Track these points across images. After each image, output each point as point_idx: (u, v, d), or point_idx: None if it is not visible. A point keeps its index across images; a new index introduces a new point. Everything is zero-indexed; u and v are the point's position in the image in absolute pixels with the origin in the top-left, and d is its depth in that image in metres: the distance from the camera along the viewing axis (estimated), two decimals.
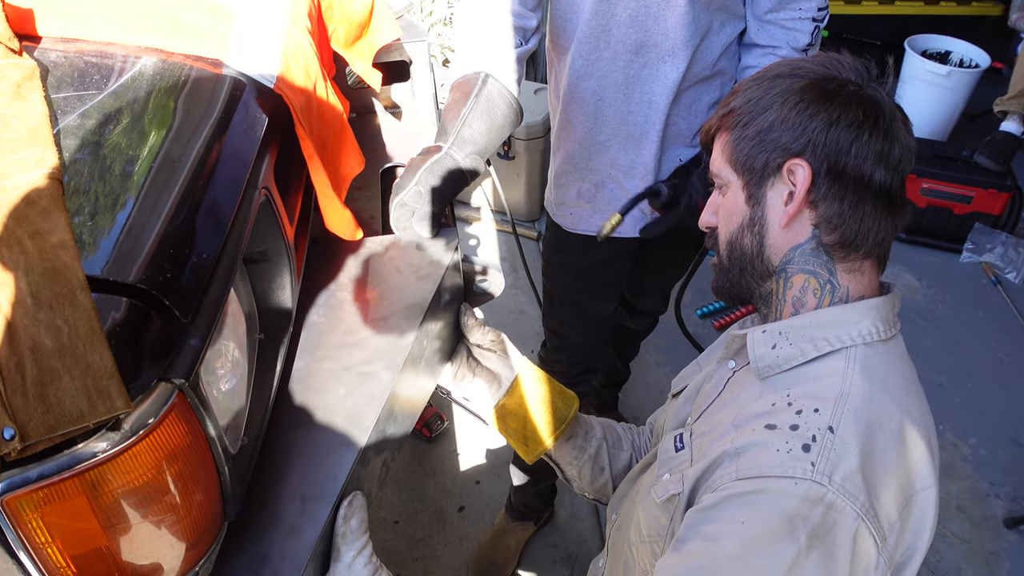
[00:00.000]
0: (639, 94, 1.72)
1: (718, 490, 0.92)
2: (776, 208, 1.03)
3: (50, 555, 0.73)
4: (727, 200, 1.08)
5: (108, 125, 0.94)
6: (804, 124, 0.99)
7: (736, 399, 1.06)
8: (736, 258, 1.08)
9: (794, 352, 1.00)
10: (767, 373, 1.02)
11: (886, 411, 0.93)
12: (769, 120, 1.01)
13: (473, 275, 1.35)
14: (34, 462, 0.69)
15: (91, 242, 0.79)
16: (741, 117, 1.04)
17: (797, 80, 1.01)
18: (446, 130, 1.39)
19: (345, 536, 0.95)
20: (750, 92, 1.04)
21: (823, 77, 1.00)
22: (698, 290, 3.55)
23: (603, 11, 1.62)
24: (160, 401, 0.75)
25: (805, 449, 0.89)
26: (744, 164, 1.04)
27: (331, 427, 1.03)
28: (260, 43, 1.15)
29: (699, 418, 1.12)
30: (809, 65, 1.02)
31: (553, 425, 1.30)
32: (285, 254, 1.10)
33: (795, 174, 1.00)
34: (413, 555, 2.62)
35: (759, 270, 1.06)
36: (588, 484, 1.39)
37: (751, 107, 1.03)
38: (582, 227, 1.97)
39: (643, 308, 2.49)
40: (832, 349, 0.99)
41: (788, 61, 1.06)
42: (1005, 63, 4.72)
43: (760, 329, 1.04)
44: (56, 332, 0.69)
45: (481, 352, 1.31)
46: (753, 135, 1.02)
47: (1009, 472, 2.84)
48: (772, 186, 1.03)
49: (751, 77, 1.07)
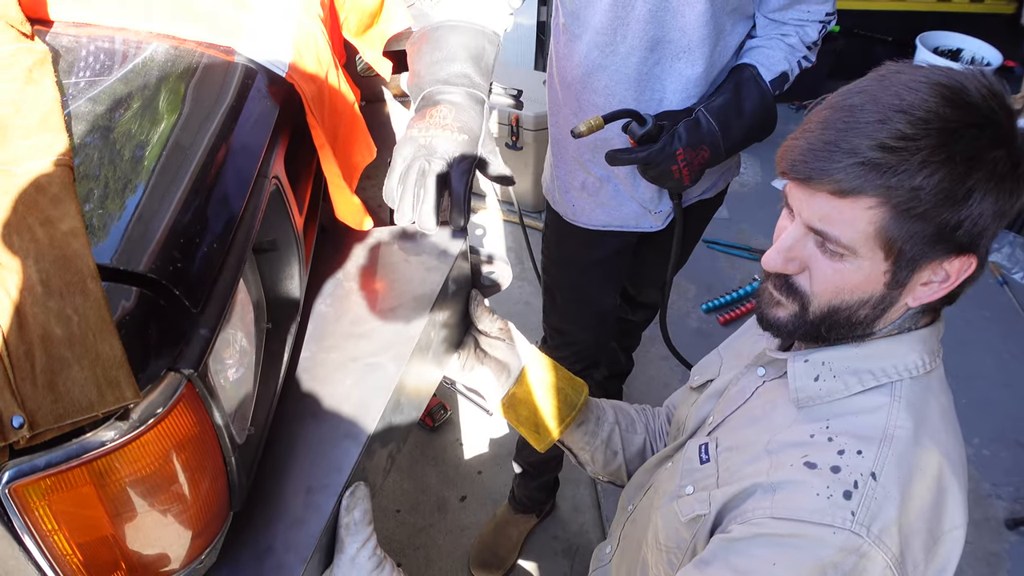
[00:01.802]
0: (650, 91, 1.71)
1: (749, 523, 0.90)
2: (914, 289, 0.93)
3: (56, 542, 0.73)
4: (845, 274, 0.93)
5: (119, 112, 0.94)
6: (986, 218, 0.86)
7: (767, 418, 1.02)
8: (833, 322, 0.97)
9: (838, 386, 0.96)
10: (807, 404, 0.97)
11: (927, 454, 0.91)
12: (959, 218, 0.85)
13: (480, 266, 1.35)
14: (42, 450, 0.69)
15: (101, 230, 0.79)
16: (915, 203, 0.85)
17: (1000, 161, 0.85)
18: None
19: (349, 528, 0.95)
20: (938, 172, 0.83)
21: (1015, 156, 0.85)
22: (703, 284, 3.54)
23: (623, 4, 1.60)
24: (169, 391, 0.74)
25: (846, 496, 0.87)
26: (904, 255, 0.89)
27: (337, 418, 1.03)
28: (272, 31, 1.14)
29: (722, 424, 1.10)
30: (987, 135, 0.85)
31: (564, 412, 1.29)
32: (294, 243, 1.10)
33: (953, 267, 0.90)
34: (414, 544, 2.62)
35: (856, 332, 0.97)
36: (602, 468, 1.39)
37: (937, 196, 0.84)
38: (582, 219, 1.95)
39: (644, 301, 2.48)
40: (878, 384, 0.95)
41: (966, 119, 0.84)
42: (1017, 61, 4.68)
43: (803, 357, 0.99)
44: (66, 321, 0.69)
45: (488, 341, 1.30)
46: (934, 230, 0.86)
47: (1011, 473, 2.83)
48: (921, 269, 0.91)
49: (939, 142, 0.83)
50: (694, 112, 1.60)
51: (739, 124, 1.63)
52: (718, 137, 1.59)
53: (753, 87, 1.64)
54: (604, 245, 1.97)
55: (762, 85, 1.65)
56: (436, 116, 1.18)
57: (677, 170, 1.55)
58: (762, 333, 1.16)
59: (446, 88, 1.22)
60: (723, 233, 3.79)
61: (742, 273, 3.62)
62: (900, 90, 0.85)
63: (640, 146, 1.55)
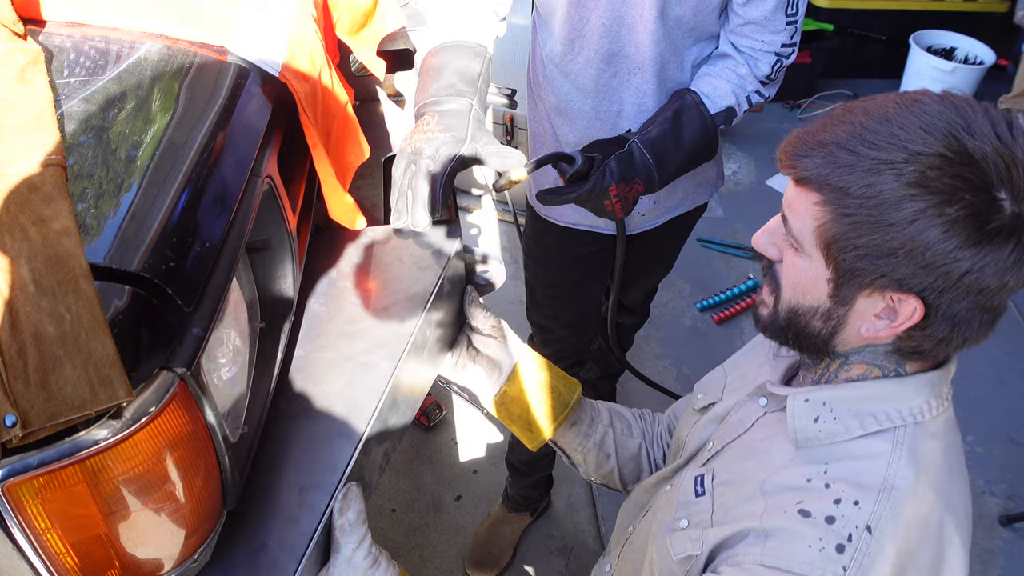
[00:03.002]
0: (608, 103, 1.71)
1: (739, 566, 0.88)
2: (863, 316, 0.89)
3: (50, 541, 0.74)
4: (800, 270, 0.91)
5: (112, 111, 0.94)
6: (937, 267, 0.80)
7: (766, 453, 0.99)
8: (794, 329, 0.96)
9: (838, 428, 0.92)
10: (805, 445, 0.94)
11: (928, 507, 0.87)
12: (893, 245, 0.81)
13: (475, 265, 1.35)
14: (35, 449, 0.69)
15: (94, 229, 0.79)
16: (853, 212, 0.82)
17: (950, 207, 0.78)
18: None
19: (343, 528, 0.95)
20: (879, 184, 0.80)
21: (982, 208, 0.77)
22: (697, 283, 3.55)
23: (578, 17, 1.60)
24: (161, 390, 0.75)
25: (839, 550, 0.84)
26: (840, 265, 0.86)
27: (331, 417, 1.03)
28: (265, 30, 1.14)
29: (720, 452, 1.07)
30: (967, 175, 0.77)
31: (556, 411, 1.29)
32: (287, 243, 1.10)
33: (902, 306, 0.85)
34: (409, 543, 2.63)
35: (818, 347, 0.95)
36: (594, 470, 1.38)
37: (873, 211, 0.80)
38: (555, 215, 1.95)
39: (628, 305, 2.48)
40: (880, 428, 0.91)
41: (944, 153, 0.78)
42: (1010, 60, 4.69)
43: (803, 396, 0.96)
44: (59, 319, 0.69)
45: (481, 339, 1.30)
46: (865, 248, 0.83)
47: (1005, 470, 2.84)
48: (867, 295, 0.87)
49: (886, 155, 0.80)
50: (627, 143, 1.53)
51: (675, 155, 1.56)
52: (652, 169, 1.52)
53: (695, 115, 1.57)
54: (579, 243, 1.97)
55: (704, 114, 1.58)
56: (421, 126, 1.27)
57: (610, 205, 1.49)
58: (767, 355, 1.15)
59: (431, 101, 1.32)
60: (717, 232, 3.80)
61: (737, 272, 3.63)
62: (912, 120, 0.81)
63: (571, 185, 1.49)
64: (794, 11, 1.55)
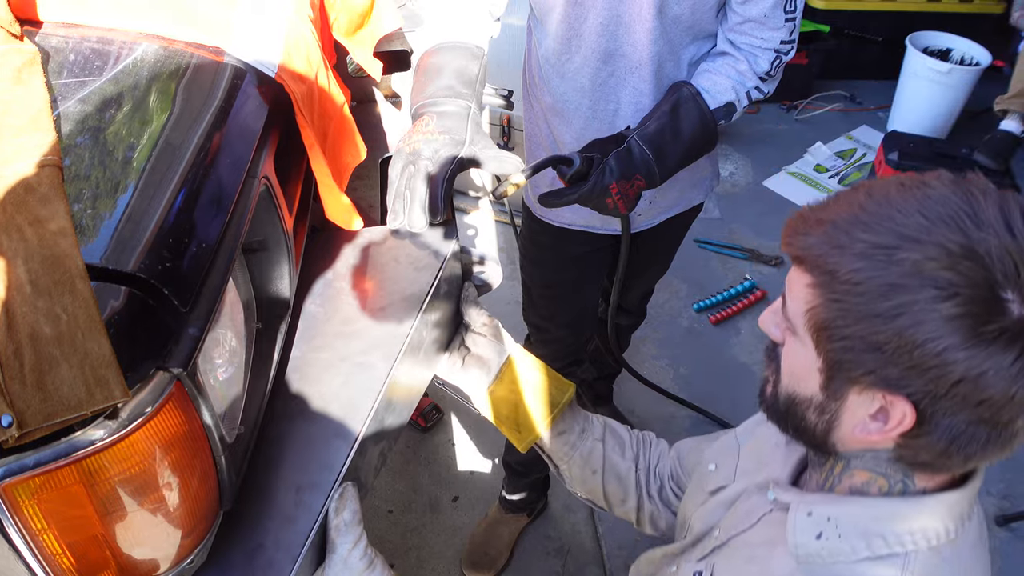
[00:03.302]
0: (605, 102, 1.71)
1: None
2: (856, 415, 0.81)
3: (46, 541, 0.74)
4: (795, 356, 0.85)
5: (108, 112, 0.94)
6: (927, 368, 0.72)
7: (765, 560, 0.93)
8: (793, 419, 0.89)
9: (843, 547, 0.84)
10: (807, 561, 0.86)
11: None
12: (879, 339, 0.73)
13: (471, 266, 1.35)
14: (31, 449, 0.69)
15: (90, 230, 0.79)
16: (841, 297, 0.75)
17: (943, 303, 0.70)
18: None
19: (339, 529, 0.95)
20: (867, 269, 0.73)
21: (982, 308, 0.69)
22: (694, 283, 3.55)
23: (575, 16, 1.60)
24: (158, 390, 0.75)
25: None
26: (829, 355, 0.79)
27: (327, 417, 1.03)
28: (262, 31, 1.14)
29: (724, 545, 1.02)
30: (965, 270, 0.70)
31: (545, 412, 1.27)
32: (284, 244, 1.10)
33: (894, 409, 0.77)
34: (406, 544, 2.63)
35: (816, 443, 0.88)
36: (579, 484, 1.34)
37: (859, 299, 0.74)
38: (551, 216, 1.95)
39: (626, 306, 2.49)
40: (890, 552, 0.83)
41: (943, 243, 0.71)
42: (1006, 61, 4.70)
43: (807, 509, 0.88)
44: (55, 320, 0.69)
45: (472, 337, 1.29)
46: (852, 339, 0.76)
47: (1003, 470, 2.85)
48: (858, 392, 0.79)
49: (878, 239, 0.74)
50: (626, 140, 1.53)
51: (675, 148, 1.55)
52: (652, 164, 1.52)
53: (692, 107, 1.57)
54: (575, 243, 1.97)
55: (702, 105, 1.58)
56: (419, 126, 1.27)
57: (612, 202, 1.49)
58: (779, 441, 1.04)
59: (429, 102, 1.32)
60: (714, 233, 3.80)
61: (733, 273, 3.63)
62: (912, 203, 0.75)
63: (571, 186, 1.49)
64: (792, 8, 1.56)
